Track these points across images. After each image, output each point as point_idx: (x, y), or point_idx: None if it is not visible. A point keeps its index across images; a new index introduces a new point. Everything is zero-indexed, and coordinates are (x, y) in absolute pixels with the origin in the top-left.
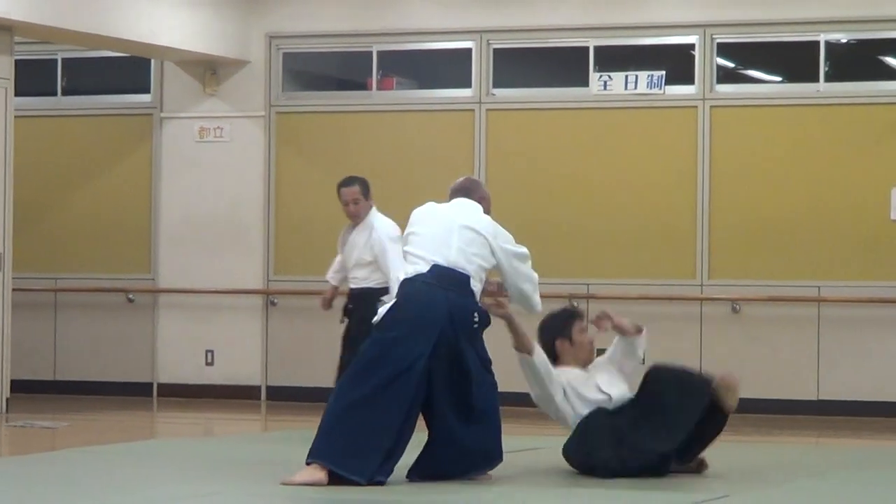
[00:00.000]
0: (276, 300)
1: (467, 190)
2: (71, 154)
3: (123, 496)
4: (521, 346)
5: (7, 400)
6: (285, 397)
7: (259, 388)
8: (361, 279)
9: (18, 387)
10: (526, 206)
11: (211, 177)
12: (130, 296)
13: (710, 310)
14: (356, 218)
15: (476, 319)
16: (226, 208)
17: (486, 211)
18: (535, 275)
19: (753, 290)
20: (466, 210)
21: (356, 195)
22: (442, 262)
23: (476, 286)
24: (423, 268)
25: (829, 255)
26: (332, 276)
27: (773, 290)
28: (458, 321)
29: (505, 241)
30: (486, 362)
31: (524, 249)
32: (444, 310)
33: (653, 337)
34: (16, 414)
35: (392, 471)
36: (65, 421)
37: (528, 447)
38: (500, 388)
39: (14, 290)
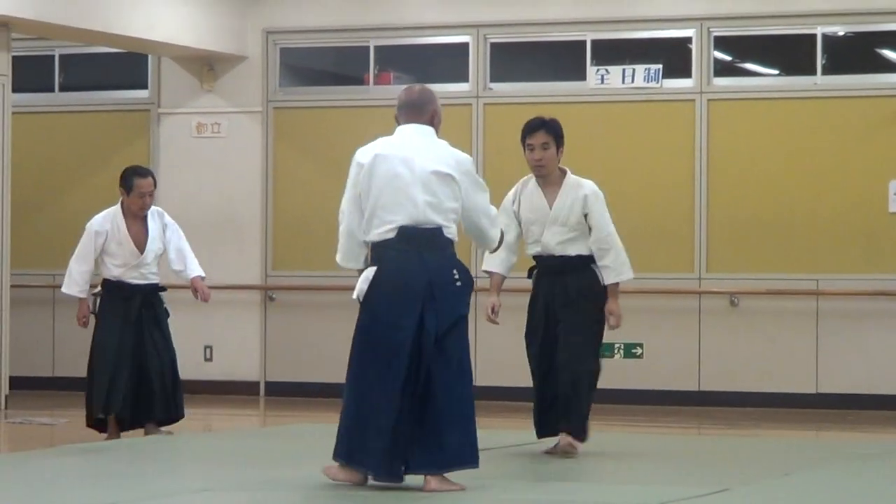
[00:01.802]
0: (274, 295)
1: (418, 107)
2: (68, 150)
3: (122, 491)
4: None
5: (6, 396)
6: (284, 393)
7: (258, 383)
8: None
9: (17, 383)
10: None
11: (209, 172)
12: None
13: (708, 303)
14: None
15: (457, 277)
16: (224, 204)
17: (438, 127)
18: (494, 209)
19: (752, 283)
20: (427, 147)
21: None
22: (407, 221)
23: (452, 233)
24: (391, 233)
25: (827, 248)
26: None
27: (772, 283)
28: (438, 286)
29: (469, 174)
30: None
31: (482, 180)
32: (423, 278)
33: (651, 331)
34: (15, 410)
35: (403, 461)
36: (63, 417)
37: (525, 441)
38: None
39: (12, 286)
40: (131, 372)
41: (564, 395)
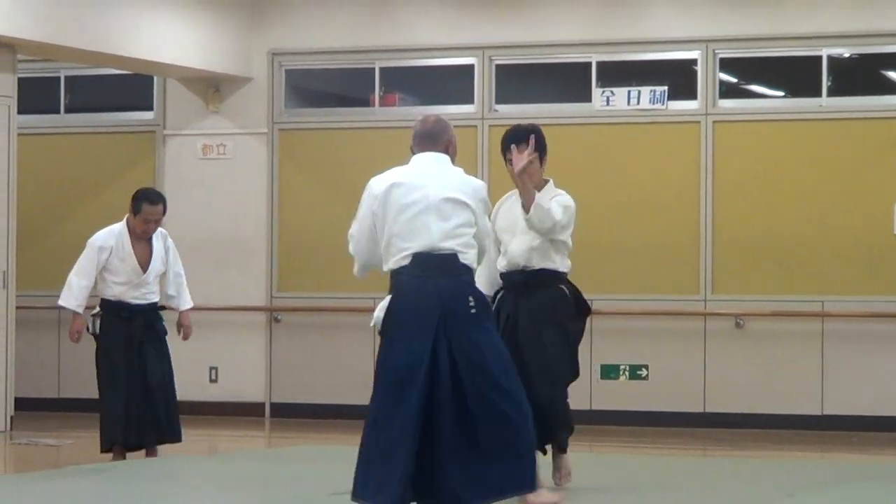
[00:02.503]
0: (279, 317)
1: (433, 136)
2: (74, 172)
3: None
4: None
5: (11, 418)
6: (289, 414)
7: (263, 405)
8: None
9: (23, 405)
10: None
11: (214, 194)
12: None
13: (713, 325)
14: None
15: (472, 304)
16: (229, 225)
17: (453, 156)
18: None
19: (757, 305)
20: (441, 175)
21: None
22: (421, 247)
23: (468, 259)
24: (405, 260)
25: (832, 269)
26: None
27: (777, 305)
28: (452, 313)
29: (483, 202)
30: (494, 362)
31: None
32: (436, 305)
33: (656, 352)
34: (20, 432)
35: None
36: (69, 438)
37: None
38: None
39: (18, 307)
40: (140, 396)
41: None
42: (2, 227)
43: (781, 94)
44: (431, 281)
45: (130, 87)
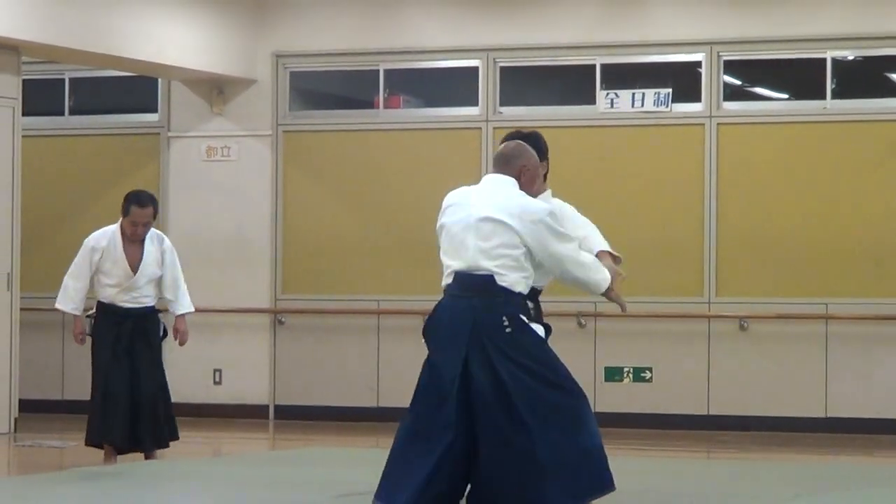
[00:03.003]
0: (283, 319)
1: (506, 160)
2: (78, 174)
3: None
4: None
5: (15, 420)
6: (293, 416)
7: (267, 407)
8: None
9: (27, 406)
10: None
11: (218, 196)
12: None
13: (717, 327)
14: None
15: (507, 324)
16: (233, 227)
17: (531, 180)
18: (586, 255)
19: (761, 307)
20: (492, 194)
21: None
22: (462, 266)
23: (508, 281)
24: (449, 278)
25: (836, 271)
26: None
27: (781, 307)
28: (485, 330)
29: (539, 223)
30: (542, 372)
31: (562, 230)
32: (469, 321)
33: (660, 354)
34: (24, 434)
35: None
36: (73, 440)
37: None
38: None
39: (22, 309)
40: (127, 397)
41: None
42: (6, 228)
43: (785, 96)
44: (467, 301)
45: (135, 90)
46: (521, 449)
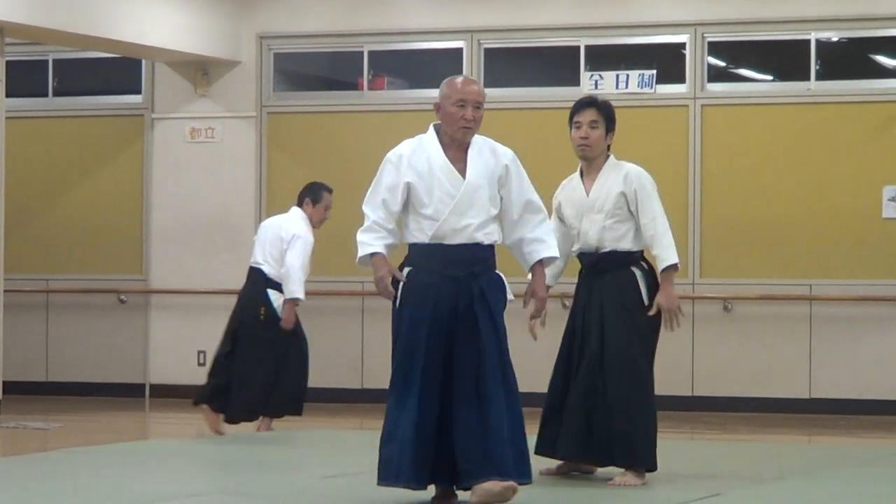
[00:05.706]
0: None
1: None
2: (62, 155)
3: (115, 497)
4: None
5: None
6: None
7: None
8: None
9: (10, 388)
10: None
11: (202, 177)
12: (122, 297)
13: (701, 309)
14: None
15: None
16: (217, 208)
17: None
18: None
19: (745, 288)
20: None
21: None
22: None
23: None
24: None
25: (820, 253)
26: None
27: (765, 288)
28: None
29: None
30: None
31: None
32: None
33: None
34: (8, 415)
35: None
36: (57, 422)
37: None
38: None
39: (6, 291)
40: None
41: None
42: None
43: (770, 77)
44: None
45: (118, 71)
46: None
